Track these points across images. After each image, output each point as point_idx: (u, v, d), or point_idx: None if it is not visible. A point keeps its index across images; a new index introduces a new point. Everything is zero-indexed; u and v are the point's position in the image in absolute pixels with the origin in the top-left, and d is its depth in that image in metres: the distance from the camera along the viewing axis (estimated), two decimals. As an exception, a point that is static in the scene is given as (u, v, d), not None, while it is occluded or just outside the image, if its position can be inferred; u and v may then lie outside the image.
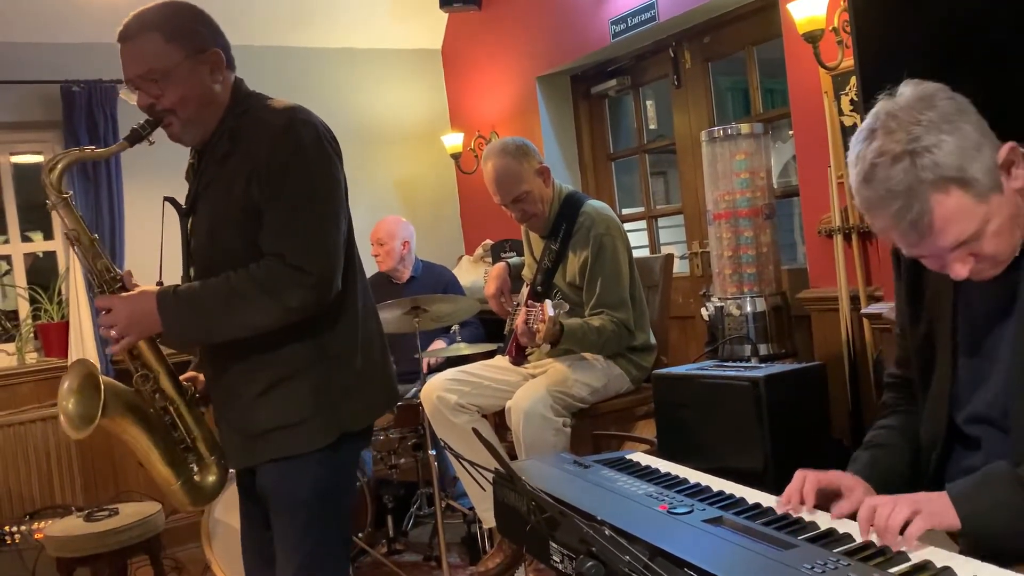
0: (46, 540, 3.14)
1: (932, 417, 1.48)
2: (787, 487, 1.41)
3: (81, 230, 1.84)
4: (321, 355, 1.82)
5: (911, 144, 1.24)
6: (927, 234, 1.26)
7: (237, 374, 1.85)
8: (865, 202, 1.31)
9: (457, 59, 5.26)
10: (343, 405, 1.84)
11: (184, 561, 3.89)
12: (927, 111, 1.26)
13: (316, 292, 1.73)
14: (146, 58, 1.76)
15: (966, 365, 1.43)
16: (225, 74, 1.84)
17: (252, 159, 1.76)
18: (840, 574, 1.08)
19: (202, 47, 1.79)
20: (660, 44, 4.11)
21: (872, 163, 1.27)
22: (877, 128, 1.29)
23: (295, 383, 1.81)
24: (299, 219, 1.74)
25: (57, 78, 4.09)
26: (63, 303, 4.24)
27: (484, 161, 2.97)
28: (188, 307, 1.76)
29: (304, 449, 1.81)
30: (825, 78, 3.06)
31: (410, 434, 3.69)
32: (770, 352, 3.03)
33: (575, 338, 2.76)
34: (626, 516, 1.34)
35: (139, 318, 1.76)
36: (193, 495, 1.92)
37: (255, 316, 1.74)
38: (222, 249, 1.80)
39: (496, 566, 2.86)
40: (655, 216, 4.51)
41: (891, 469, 1.50)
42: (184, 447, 1.91)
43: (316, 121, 1.83)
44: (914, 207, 1.25)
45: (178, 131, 1.83)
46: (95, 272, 1.83)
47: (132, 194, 4.21)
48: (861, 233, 3.05)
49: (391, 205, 5.08)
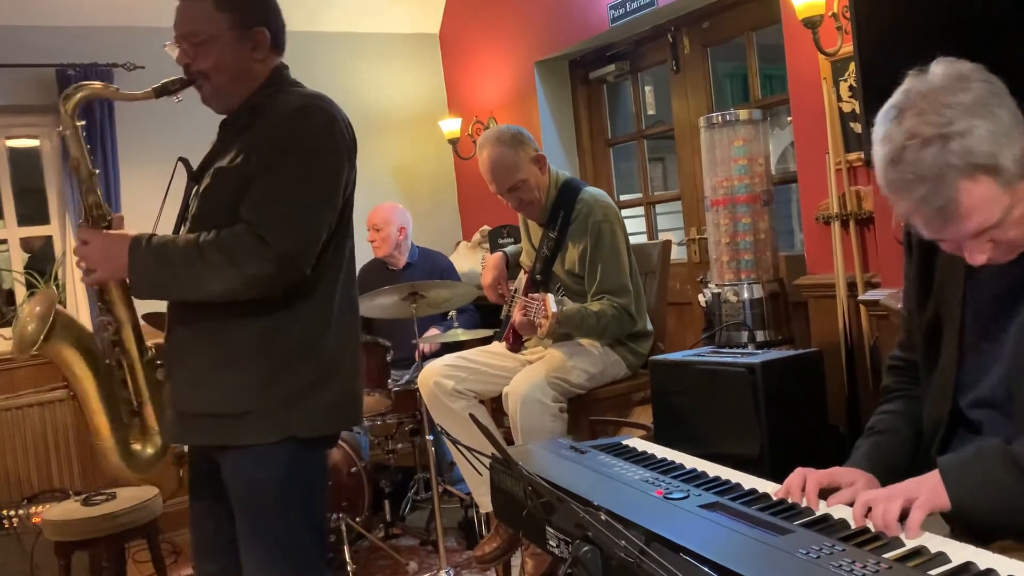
0: (44, 524, 3.14)
1: (936, 400, 1.46)
2: (786, 481, 1.40)
3: (83, 161, 1.85)
4: (276, 348, 1.77)
5: (943, 128, 1.20)
6: (952, 220, 1.23)
7: (187, 344, 1.82)
8: (890, 184, 1.27)
9: (455, 43, 5.23)
10: (295, 407, 1.77)
11: (182, 545, 3.91)
12: (960, 93, 1.22)
13: (274, 266, 1.69)
14: (194, 20, 1.80)
15: (973, 348, 1.41)
16: (269, 55, 1.88)
17: (262, 135, 1.78)
18: (835, 559, 1.09)
19: (250, 23, 1.83)
20: (659, 29, 4.09)
21: (902, 145, 1.22)
22: (907, 108, 1.24)
23: (241, 370, 1.76)
24: (282, 195, 1.73)
25: (53, 61, 4.07)
26: (60, 288, 4.24)
27: (479, 150, 2.96)
28: (154, 257, 1.75)
29: (238, 442, 1.76)
30: (824, 64, 3.05)
31: (407, 419, 3.70)
32: (767, 339, 3.03)
33: (572, 323, 2.76)
34: (622, 501, 1.34)
35: (110, 257, 1.77)
36: (127, 459, 1.88)
37: (212, 279, 1.71)
38: (211, 217, 1.79)
39: (493, 551, 2.86)
40: (653, 202, 4.50)
41: (894, 456, 1.49)
42: (130, 409, 1.88)
43: (336, 112, 1.84)
44: (941, 193, 1.21)
45: (208, 95, 1.86)
46: (86, 206, 1.84)
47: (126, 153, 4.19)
48: (859, 220, 3.05)
49: (388, 190, 5.06)
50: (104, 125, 4.13)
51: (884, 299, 2.65)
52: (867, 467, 1.45)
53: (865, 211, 3.02)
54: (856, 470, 1.44)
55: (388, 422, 3.70)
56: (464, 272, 4.50)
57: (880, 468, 1.45)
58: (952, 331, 1.43)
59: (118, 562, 3.22)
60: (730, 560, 1.09)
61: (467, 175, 5.15)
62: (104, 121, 4.13)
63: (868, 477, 1.41)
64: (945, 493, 1.24)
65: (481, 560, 2.91)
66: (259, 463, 1.77)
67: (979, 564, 1.08)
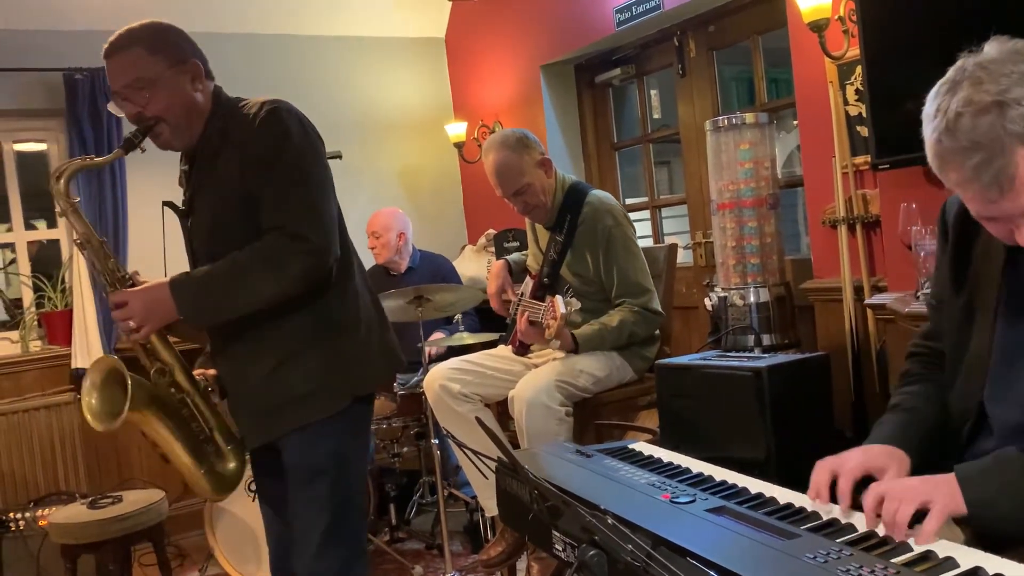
0: (50, 527, 3.15)
1: (965, 389, 1.44)
2: (812, 480, 1.36)
3: (90, 234, 1.95)
4: (327, 327, 1.92)
5: (1000, 95, 1.17)
6: (1008, 190, 1.19)
7: (247, 357, 1.94)
8: (944, 153, 1.22)
9: (461, 48, 5.24)
10: (351, 371, 1.95)
11: (188, 548, 3.91)
12: (1020, 63, 1.20)
13: (316, 257, 1.83)
14: (132, 68, 1.88)
15: (1004, 342, 1.39)
16: (204, 83, 1.97)
17: (242, 150, 1.87)
18: (842, 564, 1.08)
19: (183, 58, 1.92)
20: (665, 33, 4.09)
21: (957, 112, 1.19)
22: (963, 80, 1.21)
23: (304, 356, 1.90)
24: (293, 193, 1.84)
25: (60, 66, 4.08)
26: (67, 291, 4.25)
27: (485, 154, 2.96)
28: (200, 288, 1.86)
29: (318, 416, 1.90)
30: (831, 67, 3.05)
31: (413, 423, 3.70)
32: (773, 342, 3.03)
33: (592, 344, 2.82)
34: (628, 505, 1.34)
35: (155, 306, 1.85)
36: (216, 483, 1.99)
37: (263, 287, 1.83)
38: (224, 241, 1.89)
39: (498, 554, 2.86)
40: (659, 206, 4.50)
41: (922, 431, 1.46)
42: (203, 438, 1.98)
43: (297, 111, 1.93)
44: (997, 161, 1.18)
45: (168, 136, 1.94)
46: (106, 272, 1.93)
47: (135, 197, 4.20)
48: (865, 224, 3.04)
49: (394, 194, 5.07)
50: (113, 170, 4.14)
51: (891, 303, 2.64)
52: (899, 442, 1.41)
53: (872, 215, 3.01)
54: (885, 450, 1.40)
55: (393, 426, 3.70)
56: (470, 277, 4.50)
57: (913, 444, 1.41)
58: (986, 320, 1.40)
59: (124, 565, 3.22)
60: (736, 564, 1.09)
61: (473, 179, 5.16)
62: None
63: (899, 458, 1.38)
64: (962, 499, 1.22)
65: (486, 564, 2.90)
66: (326, 432, 1.91)
67: (988, 569, 1.08)
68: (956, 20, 2.36)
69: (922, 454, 1.42)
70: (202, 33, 1.99)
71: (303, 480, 1.93)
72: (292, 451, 1.93)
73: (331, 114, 4.16)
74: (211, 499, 2.13)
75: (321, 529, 1.91)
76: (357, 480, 2.01)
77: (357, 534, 1.99)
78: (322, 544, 1.91)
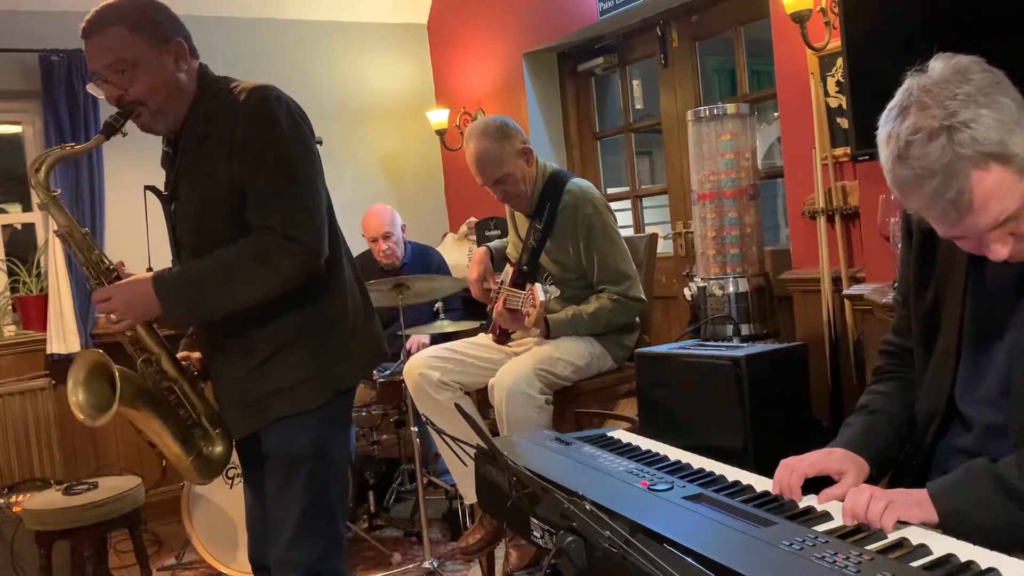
0: (25, 513, 3.12)
1: (931, 390, 1.45)
2: (775, 478, 1.39)
3: (72, 226, 1.90)
4: (316, 322, 1.91)
5: (947, 119, 1.18)
6: (967, 213, 1.20)
7: (235, 349, 1.91)
8: (899, 181, 1.24)
9: (443, 34, 5.21)
10: (337, 365, 1.93)
11: (164, 535, 3.90)
12: (963, 85, 1.20)
13: (307, 258, 1.81)
14: (113, 48, 1.80)
15: (971, 341, 1.40)
16: (189, 63, 1.89)
17: (229, 138, 1.81)
18: (818, 550, 1.09)
19: (166, 37, 1.84)
20: (648, 22, 4.09)
21: (907, 140, 1.20)
22: (910, 104, 1.22)
23: (292, 350, 1.89)
24: (283, 190, 1.80)
25: (36, 47, 4.03)
26: (42, 276, 4.20)
27: (466, 142, 2.95)
28: (185, 287, 1.83)
29: (302, 408, 1.89)
30: (812, 59, 3.06)
31: (392, 411, 3.69)
32: (752, 332, 3.05)
33: (563, 329, 2.83)
34: (607, 492, 1.34)
35: (137, 302, 1.83)
36: (205, 468, 1.99)
37: (251, 288, 1.80)
38: (209, 230, 1.85)
39: (477, 542, 2.87)
40: (640, 196, 4.50)
41: (887, 439, 1.48)
42: (190, 424, 1.97)
43: (286, 97, 1.88)
44: (953, 185, 1.18)
45: (148, 120, 1.87)
46: (90, 264, 1.89)
47: (113, 179, 4.16)
48: (844, 215, 3.06)
49: (375, 182, 5.05)
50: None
51: (868, 294, 2.66)
52: (859, 449, 1.43)
53: (851, 206, 3.03)
54: (845, 455, 1.42)
55: (373, 413, 3.70)
56: (451, 264, 4.49)
57: (872, 452, 1.43)
58: (952, 321, 1.42)
59: (100, 552, 3.21)
60: (713, 551, 1.10)
61: (454, 166, 5.14)
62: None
63: (858, 465, 1.40)
64: (932, 507, 1.23)
65: (465, 551, 2.91)
66: (308, 423, 1.90)
67: (960, 556, 1.09)
68: (937, 12, 2.37)
69: (885, 457, 1.45)
70: (181, 16, 1.92)
71: (282, 468, 1.92)
72: (273, 439, 1.92)
73: (312, 100, 4.07)
74: (198, 483, 2.13)
75: (296, 518, 1.89)
76: (336, 471, 1.99)
77: (334, 526, 1.97)
78: (297, 533, 1.89)
